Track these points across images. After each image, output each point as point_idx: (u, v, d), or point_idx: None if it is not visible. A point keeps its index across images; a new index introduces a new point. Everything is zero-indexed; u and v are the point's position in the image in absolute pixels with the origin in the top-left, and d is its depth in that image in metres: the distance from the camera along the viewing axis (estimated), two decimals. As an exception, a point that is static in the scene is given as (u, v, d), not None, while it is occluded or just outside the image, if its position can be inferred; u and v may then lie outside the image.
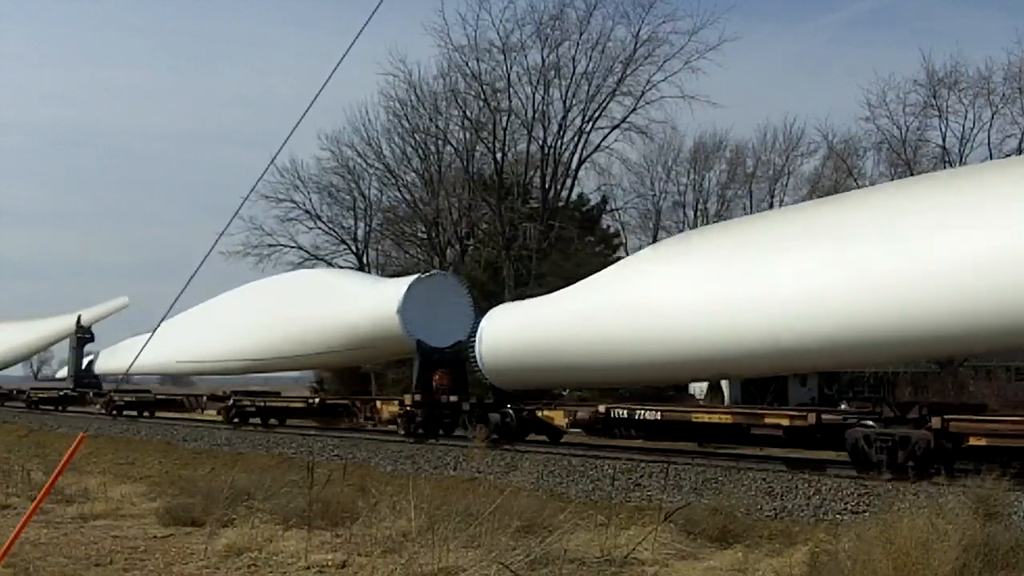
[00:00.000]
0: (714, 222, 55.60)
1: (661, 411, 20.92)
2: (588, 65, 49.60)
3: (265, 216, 56.66)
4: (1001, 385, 40.62)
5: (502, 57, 49.55)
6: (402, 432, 26.66)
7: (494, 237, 50.36)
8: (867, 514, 14.04)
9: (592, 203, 55.44)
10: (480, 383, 26.12)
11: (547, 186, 50.94)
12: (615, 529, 13.00)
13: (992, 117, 47.71)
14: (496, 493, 13.45)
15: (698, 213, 56.09)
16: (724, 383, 50.04)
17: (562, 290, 24.27)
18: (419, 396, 26.50)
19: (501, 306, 26.87)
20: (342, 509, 14.19)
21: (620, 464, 19.37)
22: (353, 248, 55.91)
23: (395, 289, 27.88)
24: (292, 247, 54.86)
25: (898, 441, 16.26)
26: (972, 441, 15.68)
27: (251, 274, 60.01)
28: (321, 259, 55.04)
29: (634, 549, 11.86)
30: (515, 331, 24.18)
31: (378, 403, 29.24)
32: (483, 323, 24.99)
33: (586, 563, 11.33)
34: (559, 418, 23.14)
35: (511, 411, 24.01)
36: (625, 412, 21.38)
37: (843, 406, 35.07)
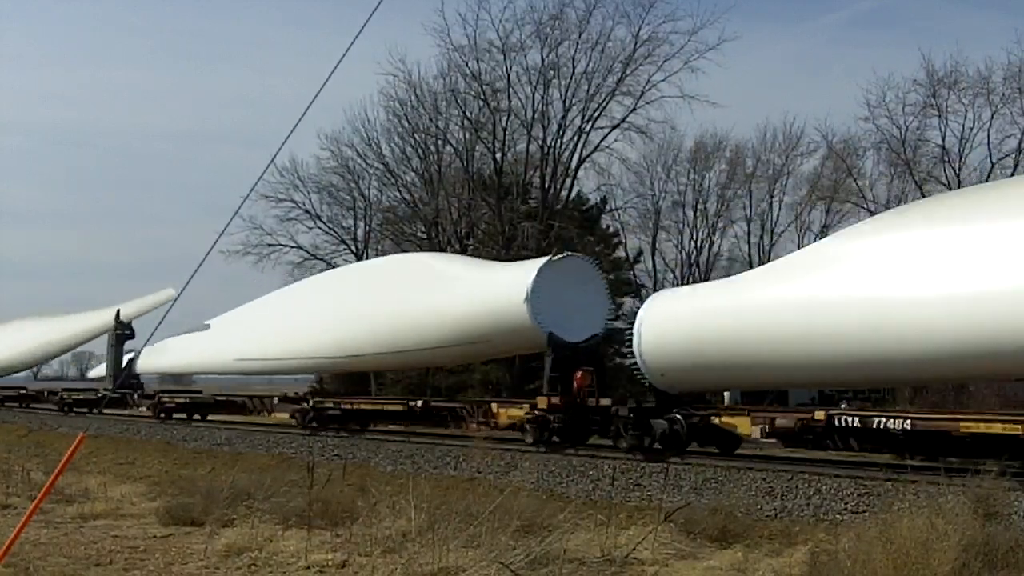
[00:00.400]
0: (714, 223, 55.87)
1: (912, 418, 17.03)
2: (588, 65, 49.62)
3: (265, 216, 56.57)
4: (1001, 384, 40.60)
5: (502, 57, 49.58)
6: (529, 440, 22.99)
7: (494, 237, 50.33)
8: (867, 514, 14.04)
9: (592, 203, 55.44)
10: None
11: (547, 186, 50.93)
12: (615, 529, 13.00)
13: (992, 117, 47.71)
14: (496, 493, 13.46)
15: (698, 213, 56.13)
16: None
17: (750, 272, 21.75)
18: (556, 399, 22.75)
19: (665, 292, 23.52)
20: (342, 509, 14.19)
21: (620, 464, 19.38)
22: (353, 248, 55.93)
23: (521, 275, 24.30)
24: (292, 247, 54.92)
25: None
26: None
27: (251, 274, 60.02)
28: (320, 259, 55.09)
29: (634, 549, 11.86)
30: (689, 321, 20.16)
31: (494, 406, 25.54)
32: (643, 313, 21.09)
33: (586, 563, 11.33)
34: (745, 426, 19.60)
35: (680, 417, 20.13)
36: (856, 420, 17.57)
37: (843, 406, 35.00)
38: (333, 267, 55.59)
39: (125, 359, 43.26)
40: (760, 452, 20.88)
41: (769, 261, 54.59)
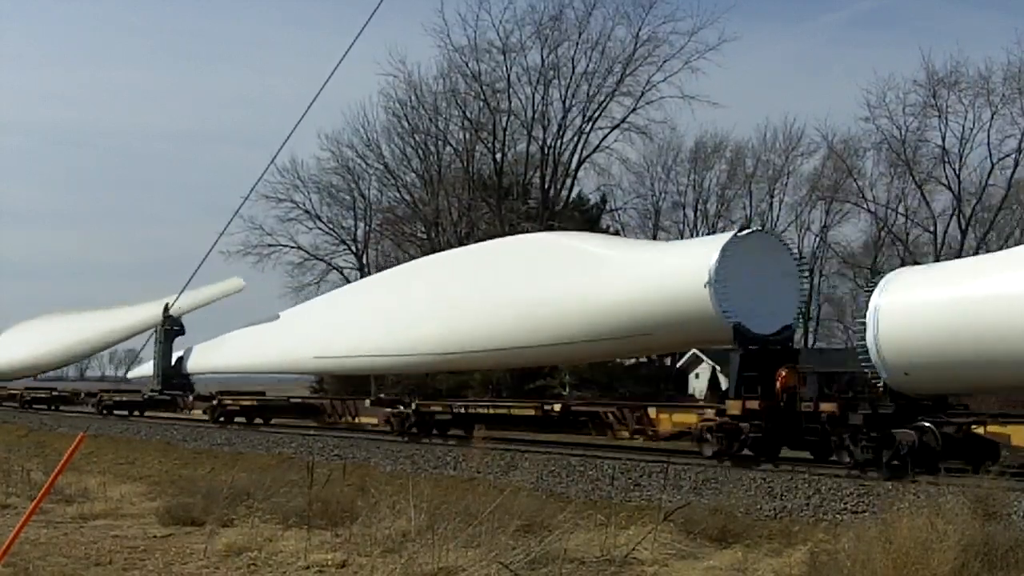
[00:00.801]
0: (714, 223, 55.86)
1: None
2: (588, 65, 49.70)
3: (265, 216, 56.66)
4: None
5: (502, 57, 49.66)
6: (708, 453, 19.23)
7: (494, 237, 50.31)
8: (867, 514, 14.04)
9: (592, 203, 55.46)
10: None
11: (547, 186, 50.96)
12: (615, 529, 13.00)
13: (992, 117, 47.84)
14: (496, 493, 13.44)
15: (698, 213, 56.18)
16: (723, 381, 50.02)
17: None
18: (755, 403, 18.68)
19: (907, 271, 19.15)
20: (342, 509, 14.18)
21: (620, 464, 19.35)
22: (353, 248, 56.03)
23: (701, 253, 20.27)
24: (292, 247, 54.97)
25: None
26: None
27: (251, 274, 60.11)
28: (320, 259, 55.14)
29: (634, 549, 11.86)
30: (948, 309, 16.57)
31: (652, 410, 21.81)
32: (879, 299, 17.22)
33: (586, 563, 11.33)
34: (1021, 437, 16.37)
35: (931, 426, 16.53)
36: None
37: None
38: (333, 267, 55.69)
39: (175, 357, 39.43)
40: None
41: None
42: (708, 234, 55.93)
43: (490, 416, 25.21)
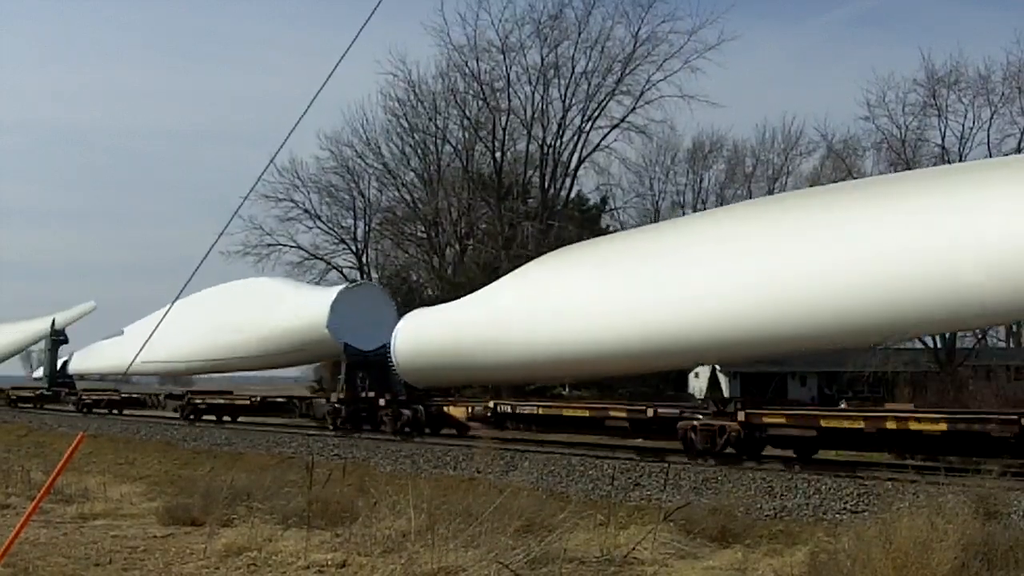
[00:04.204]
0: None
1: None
2: (587, 65, 49.73)
3: (265, 216, 56.79)
4: (1001, 384, 40.65)
5: (501, 57, 49.69)
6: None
7: (493, 237, 50.38)
8: (867, 514, 14.05)
9: (591, 203, 55.51)
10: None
11: (546, 186, 50.98)
12: (615, 528, 13.00)
13: (991, 117, 47.87)
14: (496, 493, 13.45)
15: (697, 213, 56.13)
16: (724, 381, 50.04)
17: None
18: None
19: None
20: (341, 509, 14.17)
21: (620, 464, 19.38)
22: (352, 248, 56.01)
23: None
24: (292, 247, 54.98)
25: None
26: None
27: (251, 274, 60.08)
28: (320, 259, 55.14)
29: (634, 548, 11.86)
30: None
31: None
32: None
33: (586, 562, 11.33)
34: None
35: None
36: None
37: (842, 404, 35.08)
38: (332, 267, 55.87)
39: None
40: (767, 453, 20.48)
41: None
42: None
43: (576, 419, 23.48)
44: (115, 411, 42.28)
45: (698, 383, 52.77)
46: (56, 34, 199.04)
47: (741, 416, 18.80)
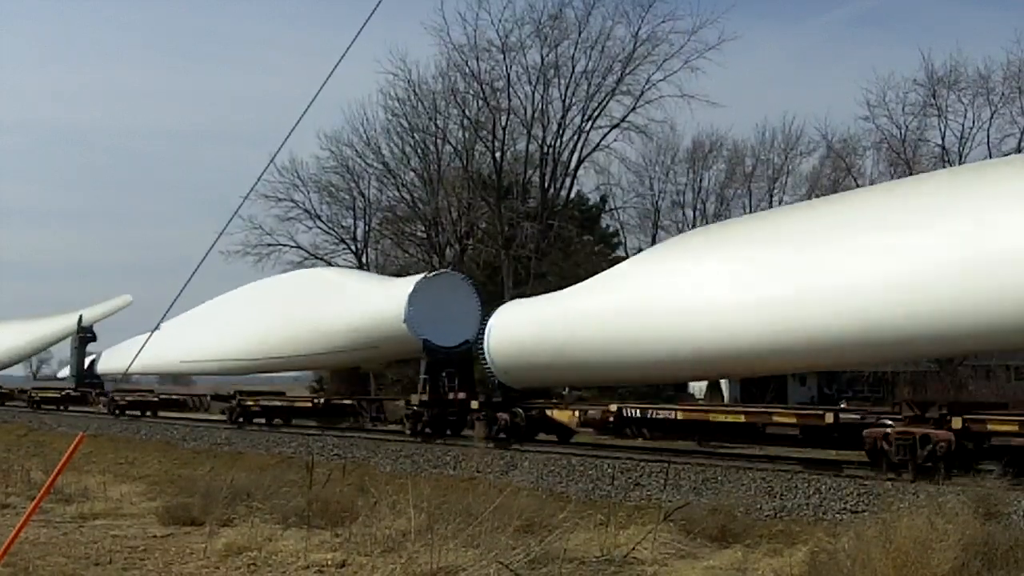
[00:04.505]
0: (713, 222, 55.82)
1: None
2: (587, 64, 49.69)
3: (265, 215, 56.63)
4: (1001, 384, 40.64)
5: (501, 56, 49.63)
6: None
7: (493, 236, 50.37)
8: (867, 514, 14.03)
9: (591, 202, 55.49)
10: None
11: (546, 185, 50.95)
12: (615, 528, 12.99)
13: (991, 117, 47.85)
14: (496, 493, 13.44)
15: (697, 213, 56.17)
16: (724, 382, 50.09)
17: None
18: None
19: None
20: (341, 509, 14.17)
21: (620, 463, 19.37)
22: (352, 247, 56.00)
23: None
24: (291, 246, 54.97)
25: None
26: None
27: (251, 273, 60.07)
28: (320, 258, 55.07)
29: (634, 548, 11.86)
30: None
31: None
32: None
33: (586, 562, 11.33)
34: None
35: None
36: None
37: (842, 404, 35.02)
38: (333, 266, 55.74)
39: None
40: (760, 451, 20.69)
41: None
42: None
43: (726, 427, 20.14)
44: (148, 413, 40.02)
45: (698, 383, 52.80)
46: (56, 34, 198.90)
47: (956, 423, 15.49)
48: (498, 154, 50.68)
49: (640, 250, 56.57)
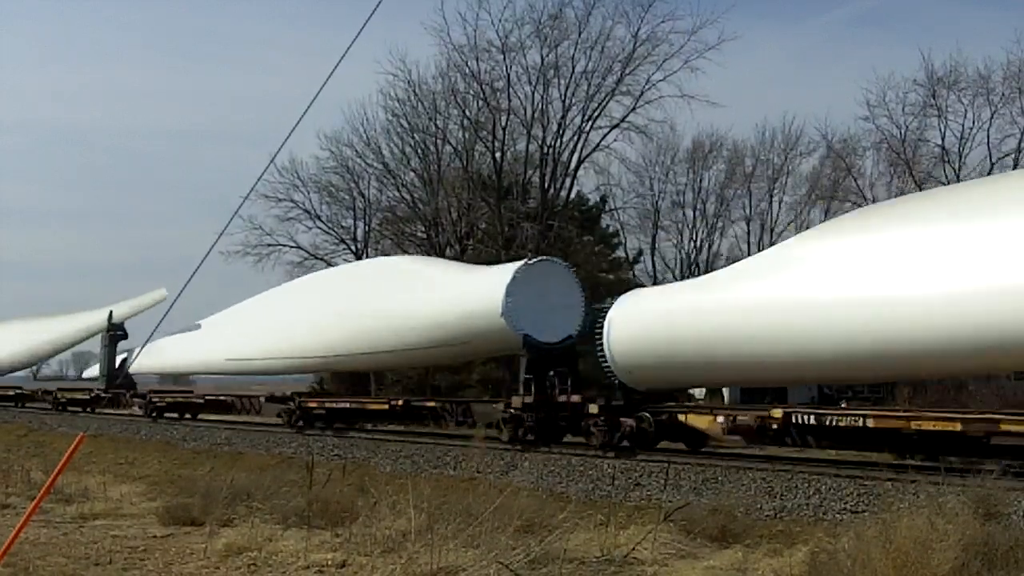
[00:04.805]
0: (713, 223, 55.86)
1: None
2: (587, 64, 49.67)
3: (265, 216, 56.61)
4: (1001, 385, 40.60)
5: (501, 56, 49.62)
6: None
7: (493, 237, 50.35)
8: (867, 514, 14.03)
9: (591, 203, 55.47)
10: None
11: (546, 186, 50.94)
12: (615, 528, 12.99)
13: (991, 117, 47.85)
14: (496, 493, 13.44)
15: (697, 213, 56.18)
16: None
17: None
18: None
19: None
20: (341, 509, 14.17)
21: (620, 463, 19.38)
22: (352, 248, 55.98)
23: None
24: (291, 247, 54.96)
25: None
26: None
27: (251, 273, 60.07)
28: (320, 259, 55.11)
29: (634, 548, 11.86)
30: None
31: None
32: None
33: (586, 562, 11.33)
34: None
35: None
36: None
37: (843, 405, 34.96)
38: (333, 267, 55.72)
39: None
40: (760, 451, 20.75)
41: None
42: (708, 234, 56.10)
43: (936, 436, 17.51)
44: (188, 416, 37.62)
45: (698, 383, 52.75)
46: (56, 34, 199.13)
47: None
48: (498, 154, 50.70)
49: (641, 251, 56.77)
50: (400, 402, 28.45)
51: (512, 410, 23.62)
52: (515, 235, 49.01)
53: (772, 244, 54.99)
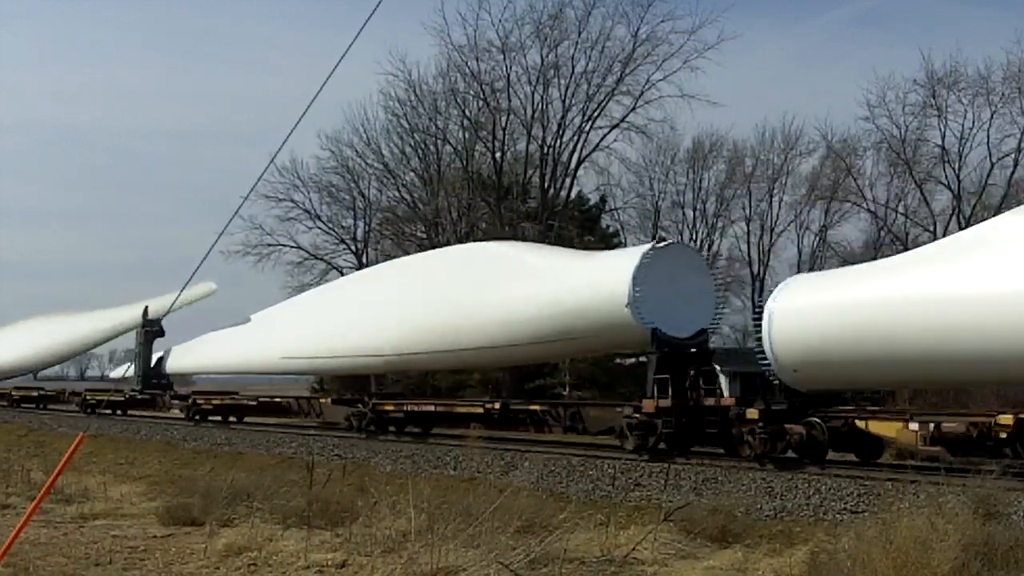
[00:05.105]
0: (713, 223, 55.84)
1: None
2: (587, 64, 49.62)
3: (265, 215, 56.77)
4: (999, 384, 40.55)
5: (501, 57, 49.58)
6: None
7: (493, 237, 50.29)
8: (867, 514, 14.04)
9: (591, 203, 55.44)
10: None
11: (546, 186, 50.92)
12: (615, 528, 13.00)
13: (991, 117, 47.77)
14: (496, 493, 13.45)
15: (697, 213, 56.13)
16: (723, 382, 49.95)
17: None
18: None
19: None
20: (342, 509, 14.18)
21: (620, 464, 19.37)
22: (352, 248, 56.03)
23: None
24: (292, 247, 54.98)
25: None
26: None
27: (251, 273, 60.09)
28: (320, 259, 55.14)
29: (634, 548, 11.86)
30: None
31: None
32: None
33: (586, 562, 11.33)
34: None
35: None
36: None
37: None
38: (333, 267, 55.69)
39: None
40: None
41: (768, 261, 54.79)
42: (708, 234, 55.96)
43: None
44: (233, 419, 35.04)
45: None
46: (56, 34, 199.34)
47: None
48: (498, 154, 50.69)
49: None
50: (497, 405, 25.42)
51: (641, 415, 20.78)
52: (515, 235, 48.94)
53: (772, 245, 55.09)
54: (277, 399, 35.26)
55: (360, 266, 55.28)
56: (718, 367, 23.13)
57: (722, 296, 21.52)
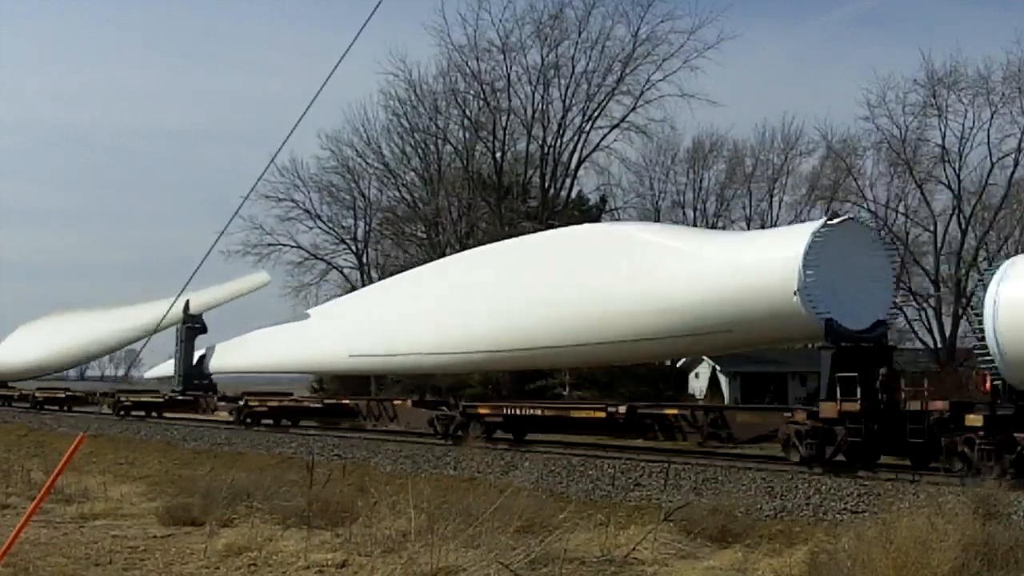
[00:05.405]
0: (713, 222, 55.85)
1: None
2: (587, 64, 49.71)
3: (265, 215, 56.78)
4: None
5: (502, 57, 49.67)
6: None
7: (493, 236, 50.25)
8: (867, 514, 14.04)
9: (591, 202, 55.46)
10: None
11: (546, 185, 50.96)
12: (615, 528, 13.00)
13: (991, 117, 47.80)
14: (496, 493, 13.44)
15: (697, 213, 56.16)
16: (724, 382, 50.07)
17: None
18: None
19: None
20: (342, 509, 14.17)
21: (620, 464, 19.36)
22: (352, 248, 56.08)
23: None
24: (292, 246, 55.01)
25: None
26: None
27: (251, 273, 60.06)
28: (320, 259, 55.17)
29: (634, 548, 11.85)
30: None
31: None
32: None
33: (586, 562, 11.33)
34: None
35: None
36: None
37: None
38: (333, 267, 55.71)
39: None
40: (761, 451, 20.35)
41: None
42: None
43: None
44: (286, 422, 32.32)
45: (698, 383, 52.76)
46: (56, 34, 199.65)
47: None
48: (498, 154, 50.73)
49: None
50: (622, 409, 22.14)
51: (816, 421, 18.15)
52: (515, 235, 48.96)
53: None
54: (345, 401, 32.34)
55: (360, 266, 55.32)
56: (717, 366, 22.56)
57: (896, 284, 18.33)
